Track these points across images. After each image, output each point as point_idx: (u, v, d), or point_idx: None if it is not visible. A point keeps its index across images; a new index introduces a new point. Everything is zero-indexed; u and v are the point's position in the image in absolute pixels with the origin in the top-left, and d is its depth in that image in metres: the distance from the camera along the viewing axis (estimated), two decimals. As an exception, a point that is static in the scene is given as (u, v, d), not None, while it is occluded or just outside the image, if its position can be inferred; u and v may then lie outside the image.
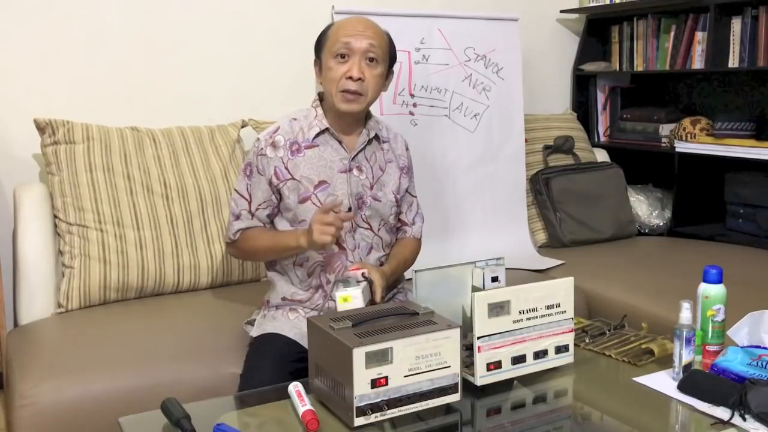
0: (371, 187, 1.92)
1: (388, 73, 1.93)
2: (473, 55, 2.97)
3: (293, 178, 1.86)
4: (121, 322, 2.13)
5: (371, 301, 1.73)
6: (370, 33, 1.84)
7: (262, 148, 1.88)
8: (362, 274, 1.76)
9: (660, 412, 1.43)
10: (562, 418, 1.44)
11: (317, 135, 1.88)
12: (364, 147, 1.92)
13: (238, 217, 1.91)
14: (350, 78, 1.81)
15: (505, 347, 1.51)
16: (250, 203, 1.89)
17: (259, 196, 1.89)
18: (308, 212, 1.84)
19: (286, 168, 1.86)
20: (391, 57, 1.92)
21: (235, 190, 1.93)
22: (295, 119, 1.92)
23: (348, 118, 1.90)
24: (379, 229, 1.94)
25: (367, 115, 1.96)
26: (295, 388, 1.44)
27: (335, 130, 1.89)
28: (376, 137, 1.96)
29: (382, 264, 1.93)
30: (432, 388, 1.38)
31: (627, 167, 3.27)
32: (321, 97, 1.93)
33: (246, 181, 1.90)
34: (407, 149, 2.06)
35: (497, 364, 1.50)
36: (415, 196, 2.09)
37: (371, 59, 1.84)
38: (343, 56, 1.83)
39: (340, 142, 1.89)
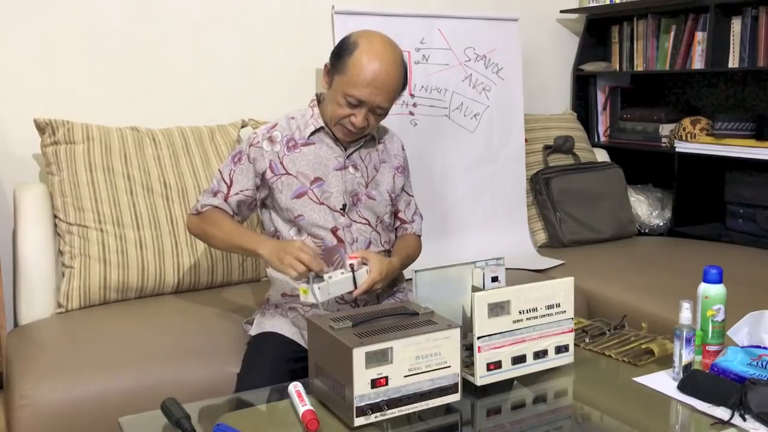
0: (366, 185, 1.93)
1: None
2: (473, 55, 2.97)
3: (288, 173, 1.87)
4: (121, 322, 2.12)
5: (351, 294, 1.73)
6: (385, 91, 1.80)
7: (258, 141, 1.89)
8: (350, 264, 1.75)
9: (660, 412, 1.43)
10: (562, 418, 1.44)
11: (313, 133, 1.89)
12: (359, 147, 1.93)
13: (214, 195, 1.92)
14: (353, 124, 1.82)
15: (505, 347, 1.51)
16: (229, 188, 1.90)
17: (241, 182, 1.89)
18: (304, 207, 1.85)
19: (281, 163, 1.87)
20: (402, 90, 1.89)
21: (219, 170, 1.93)
22: (292, 118, 1.93)
23: None
24: (376, 225, 1.94)
25: None
26: (295, 388, 1.44)
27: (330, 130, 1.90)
28: (372, 138, 1.97)
29: None
30: (432, 388, 1.38)
31: (627, 167, 3.28)
32: (319, 98, 1.94)
33: (231, 167, 1.91)
34: (403, 149, 2.06)
35: (497, 364, 1.50)
36: (412, 196, 2.09)
37: (378, 113, 1.84)
38: (352, 105, 1.81)
39: (335, 141, 1.90)
